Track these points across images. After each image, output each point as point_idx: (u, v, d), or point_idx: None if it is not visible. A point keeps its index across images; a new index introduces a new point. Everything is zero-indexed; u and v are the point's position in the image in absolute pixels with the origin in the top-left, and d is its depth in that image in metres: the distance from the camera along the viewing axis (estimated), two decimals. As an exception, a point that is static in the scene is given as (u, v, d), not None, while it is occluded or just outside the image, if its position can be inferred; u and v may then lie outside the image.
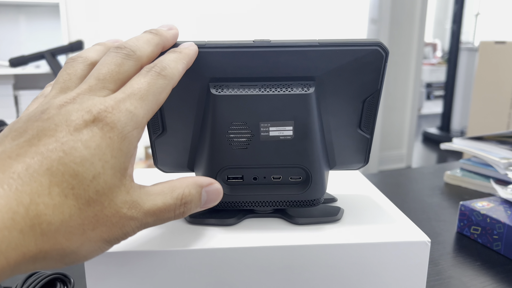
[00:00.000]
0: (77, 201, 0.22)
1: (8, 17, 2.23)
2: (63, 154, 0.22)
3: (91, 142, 0.23)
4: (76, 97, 0.24)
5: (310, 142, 0.33)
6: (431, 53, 6.32)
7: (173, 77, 0.27)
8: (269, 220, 0.37)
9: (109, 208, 0.23)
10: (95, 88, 0.25)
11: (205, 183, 0.28)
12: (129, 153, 0.24)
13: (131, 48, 0.27)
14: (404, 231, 0.34)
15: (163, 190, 0.26)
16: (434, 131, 4.03)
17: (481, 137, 0.80)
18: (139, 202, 0.25)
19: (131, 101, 0.25)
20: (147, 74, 0.26)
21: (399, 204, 0.68)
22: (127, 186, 0.24)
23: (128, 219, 0.24)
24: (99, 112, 0.23)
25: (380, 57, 0.32)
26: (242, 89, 0.32)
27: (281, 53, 0.31)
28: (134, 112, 0.24)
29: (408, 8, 2.93)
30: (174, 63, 0.28)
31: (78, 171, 0.22)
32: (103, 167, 0.23)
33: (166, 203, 0.26)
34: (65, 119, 0.23)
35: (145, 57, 0.28)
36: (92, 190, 0.22)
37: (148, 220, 0.25)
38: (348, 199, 0.41)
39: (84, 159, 0.22)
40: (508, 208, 0.54)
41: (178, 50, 0.29)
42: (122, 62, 0.26)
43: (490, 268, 0.49)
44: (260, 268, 0.32)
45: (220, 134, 0.33)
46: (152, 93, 0.26)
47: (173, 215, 0.26)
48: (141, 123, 0.25)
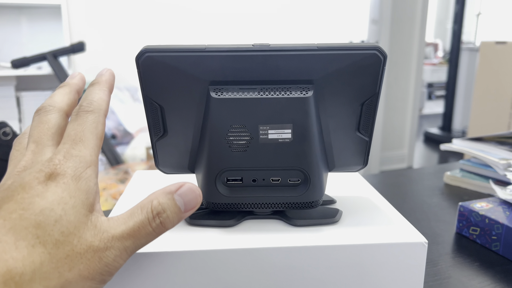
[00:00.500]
0: (45, 247, 0.22)
1: (10, 18, 2.24)
2: (23, 211, 0.23)
3: (47, 193, 0.24)
4: (26, 164, 0.26)
5: (308, 144, 0.34)
6: (432, 53, 6.32)
7: (101, 107, 0.29)
8: (268, 221, 0.37)
9: (80, 245, 0.23)
10: (37, 151, 0.27)
11: (174, 188, 0.27)
12: (89, 189, 0.25)
13: (49, 104, 0.30)
14: (401, 232, 0.35)
15: (132, 212, 0.26)
16: (435, 131, 4.02)
17: (480, 138, 0.80)
18: (109, 230, 0.25)
19: (73, 147, 0.26)
20: (77, 117, 0.28)
21: (399, 204, 0.69)
22: (93, 221, 0.25)
23: (103, 250, 0.24)
24: (49, 168, 0.25)
25: (378, 61, 0.32)
26: (242, 93, 0.32)
27: (280, 57, 0.32)
28: (80, 155, 0.26)
29: (409, 8, 2.93)
30: (97, 95, 0.30)
31: (39, 220, 0.23)
32: (63, 209, 0.24)
33: (137, 220, 0.26)
34: (19, 184, 0.24)
35: (65, 105, 0.30)
36: (57, 232, 0.23)
37: (126, 244, 0.25)
38: (347, 201, 0.42)
39: (43, 208, 0.23)
40: (507, 209, 0.55)
41: (96, 81, 0.31)
42: (47, 118, 0.29)
43: (489, 269, 0.49)
44: (259, 269, 0.33)
45: (219, 137, 0.33)
46: (88, 131, 0.27)
47: (151, 229, 0.26)
48: (91, 161, 0.26)
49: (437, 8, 6.71)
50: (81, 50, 2.06)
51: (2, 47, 2.25)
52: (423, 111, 5.20)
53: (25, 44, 2.28)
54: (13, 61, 2.02)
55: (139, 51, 0.32)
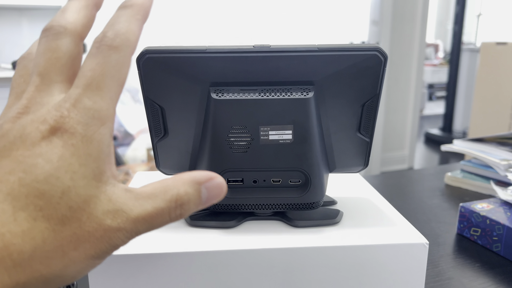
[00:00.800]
0: (48, 222, 0.19)
1: (10, 20, 2.24)
2: (23, 174, 0.20)
3: (52, 154, 0.20)
4: (28, 104, 0.22)
5: (309, 145, 0.34)
6: (433, 54, 6.32)
7: (129, 44, 0.23)
8: (269, 222, 0.37)
9: (89, 223, 0.20)
10: (42, 87, 0.22)
11: (204, 179, 0.24)
12: (101, 155, 0.22)
13: (59, 24, 0.23)
14: (402, 233, 0.35)
15: (153, 192, 0.23)
16: (436, 132, 4.02)
17: (481, 139, 0.80)
18: (125, 209, 0.21)
19: (87, 94, 0.21)
20: (97, 52, 0.22)
21: (399, 205, 0.69)
22: (107, 193, 0.21)
23: (114, 231, 0.21)
24: (55, 119, 0.21)
25: (379, 62, 0.32)
26: (242, 94, 0.32)
27: (281, 58, 0.32)
28: (95, 108, 0.21)
29: (409, 9, 2.93)
30: (127, 25, 0.23)
31: (43, 189, 0.20)
32: (72, 178, 0.20)
33: (158, 207, 0.22)
34: (19, 135, 0.21)
35: (80, 26, 0.24)
36: (64, 207, 0.20)
37: (139, 228, 0.22)
38: (348, 202, 0.42)
39: (47, 175, 0.20)
40: (508, 209, 0.55)
41: (129, 4, 0.24)
42: (56, 44, 0.23)
43: (490, 269, 0.49)
44: (260, 270, 0.33)
45: (220, 138, 0.33)
46: (109, 76, 0.22)
47: (168, 219, 0.23)
48: (106, 117, 0.22)
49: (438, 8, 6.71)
50: (81, 52, 2.07)
51: (3, 49, 2.25)
52: (423, 112, 5.20)
53: (26, 46, 2.28)
54: (14, 63, 2.02)
55: (139, 52, 0.32)
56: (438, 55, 6.47)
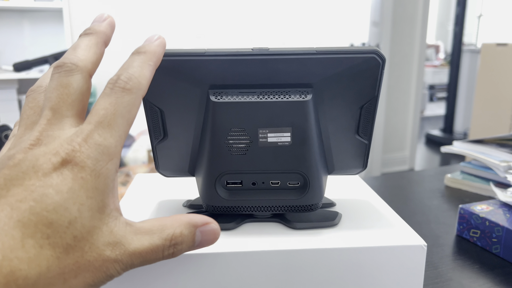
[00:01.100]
0: (54, 250, 0.21)
1: (12, 22, 2.25)
2: (34, 203, 0.21)
3: (63, 186, 0.21)
4: (40, 137, 0.23)
5: (307, 148, 0.34)
6: (433, 55, 6.32)
7: (141, 87, 0.25)
8: (268, 224, 0.37)
9: (90, 253, 0.22)
10: (54, 121, 0.24)
11: (200, 223, 0.26)
12: (106, 189, 0.23)
13: (71, 62, 0.25)
14: (400, 235, 0.35)
15: (151, 229, 0.24)
16: (437, 133, 4.02)
17: (481, 140, 0.80)
18: (124, 242, 0.23)
19: (98, 131, 0.23)
20: (111, 93, 0.24)
21: (399, 207, 0.69)
22: (109, 225, 0.23)
23: (112, 262, 0.23)
24: (67, 152, 0.22)
25: (377, 65, 0.32)
26: (241, 96, 0.33)
27: (279, 61, 0.32)
28: (105, 144, 0.23)
29: (410, 10, 2.94)
30: (139, 70, 0.25)
31: (52, 219, 0.21)
32: (79, 210, 0.21)
33: (154, 243, 0.24)
34: (32, 165, 0.22)
35: (90, 64, 0.26)
36: (69, 236, 0.21)
37: (134, 261, 0.24)
38: (346, 204, 0.42)
39: (57, 206, 0.21)
40: (507, 211, 0.55)
41: (142, 50, 0.27)
42: (68, 81, 0.24)
43: (489, 271, 0.49)
44: (259, 273, 0.33)
45: (219, 140, 0.33)
46: (120, 115, 0.24)
47: (161, 256, 0.25)
48: (114, 153, 0.23)
49: (438, 9, 6.71)
50: (82, 53, 2.07)
51: (4, 51, 2.26)
52: (424, 113, 5.20)
53: (27, 48, 2.29)
54: (15, 64, 2.03)
55: None
56: (438, 56, 6.47)
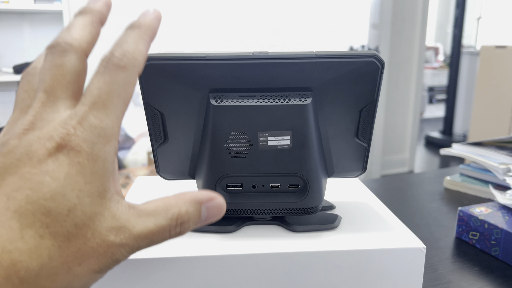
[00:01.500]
0: (55, 239, 0.20)
1: (12, 24, 2.25)
2: (30, 191, 0.20)
3: (59, 172, 0.20)
4: (34, 121, 0.22)
5: (307, 151, 0.34)
6: (433, 57, 6.33)
7: (136, 63, 0.24)
8: (268, 227, 0.37)
9: (93, 239, 0.21)
10: (48, 104, 0.23)
11: (205, 199, 0.25)
12: (106, 172, 0.22)
13: (65, 41, 0.24)
14: (399, 238, 0.35)
15: (156, 209, 0.24)
16: (436, 135, 4.02)
17: (480, 143, 0.80)
18: (128, 226, 0.22)
19: (93, 113, 0.22)
20: (104, 71, 0.23)
21: (399, 209, 0.69)
22: (111, 210, 0.22)
23: (117, 247, 0.22)
24: (61, 137, 0.21)
25: (376, 68, 0.33)
26: (241, 100, 0.33)
27: (279, 65, 0.32)
28: (101, 126, 0.22)
29: (409, 12, 2.94)
30: (134, 45, 0.24)
31: (50, 207, 0.20)
32: (78, 196, 0.21)
33: (159, 224, 0.23)
34: (26, 152, 0.21)
35: (85, 43, 0.24)
36: (70, 224, 0.20)
37: (140, 244, 0.23)
38: (346, 206, 0.42)
39: (54, 193, 0.20)
40: (506, 213, 0.55)
41: (137, 25, 0.25)
42: (62, 61, 0.23)
43: (489, 273, 0.49)
44: (259, 275, 0.33)
45: (219, 143, 0.34)
46: (115, 95, 0.23)
47: (168, 236, 0.24)
48: (111, 135, 0.22)
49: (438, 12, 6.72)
50: (82, 56, 2.07)
51: (4, 53, 2.26)
52: (424, 115, 5.21)
53: (27, 50, 2.29)
54: (15, 67, 2.03)
55: None
56: (438, 58, 6.48)
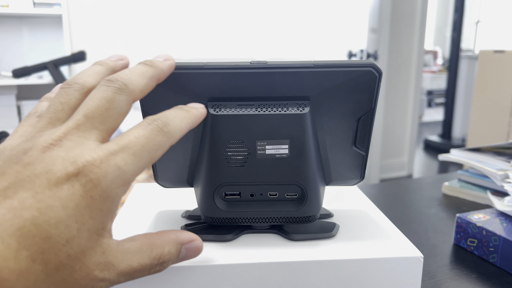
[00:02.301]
0: (45, 266, 0.20)
1: (11, 28, 2.25)
2: (38, 213, 0.20)
3: (70, 201, 0.21)
4: (63, 138, 0.23)
5: (305, 160, 0.34)
6: (432, 61, 6.34)
7: (175, 135, 0.26)
8: (266, 236, 0.37)
9: (80, 272, 0.22)
10: (83, 128, 0.23)
11: (186, 240, 0.27)
12: (109, 212, 0.23)
13: (123, 81, 0.25)
14: (397, 247, 0.35)
15: (141, 248, 0.25)
16: (435, 139, 4.03)
17: (478, 149, 0.81)
18: (114, 263, 0.23)
19: (123, 155, 0.23)
20: (147, 126, 0.24)
21: (397, 215, 0.69)
22: (103, 246, 0.23)
23: (98, 281, 0.23)
24: (84, 165, 0.22)
25: (374, 78, 0.33)
26: (239, 109, 0.33)
27: (277, 74, 0.32)
28: (123, 169, 0.23)
29: (408, 16, 2.95)
30: (179, 121, 0.26)
31: (51, 233, 0.20)
32: (79, 229, 0.21)
33: (143, 263, 0.24)
34: (46, 170, 0.21)
35: (138, 91, 0.26)
36: (64, 254, 0.21)
37: (120, 279, 0.24)
38: (344, 215, 0.42)
39: (59, 221, 0.21)
40: (504, 220, 0.55)
41: (186, 109, 0.28)
42: (113, 97, 0.24)
43: (486, 280, 0.49)
44: (256, 284, 0.33)
45: (218, 152, 0.34)
46: (147, 150, 0.24)
47: (147, 273, 0.25)
48: (128, 181, 0.23)
49: (436, 16, 6.74)
50: (82, 60, 2.08)
51: (3, 57, 2.26)
52: (423, 119, 5.22)
53: (26, 54, 2.29)
54: (14, 71, 2.03)
55: None
56: (437, 62, 6.50)
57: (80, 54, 2.07)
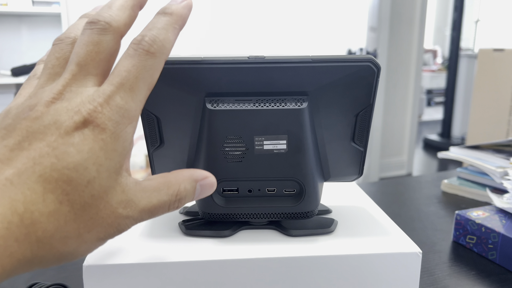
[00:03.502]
0: (72, 207, 0.22)
1: (10, 27, 2.25)
2: (56, 159, 0.21)
3: (84, 146, 0.22)
4: (63, 91, 0.23)
5: (303, 155, 0.34)
6: (431, 60, 6.34)
7: (164, 51, 0.25)
8: (264, 231, 0.37)
9: (104, 210, 0.23)
10: (79, 77, 0.24)
11: (200, 177, 0.27)
12: (124, 151, 0.24)
13: (105, 20, 0.25)
14: (396, 242, 0.35)
15: (158, 186, 0.26)
16: (434, 138, 4.03)
17: (478, 146, 0.80)
18: (134, 200, 0.24)
19: (120, 94, 0.23)
20: (134, 54, 0.24)
21: (396, 213, 0.69)
22: (122, 185, 0.24)
23: (123, 218, 0.24)
24: (88, 112, 0.22)
25: (372, 73, 0.33)
26: (237, 104, 0.33)
27: (275, 69, 0.32)
28: (126, 107, 0.23)
29: (407, 15, 2.95)
30: (164, 32, 0.25)
31: (72, 177, 0.21)
32: (98, 170, 0.22)
33: (161, 200, 0.25)
34: (54, 121, 0.22)
35: (123, 26, 0.25)
36: (87, 195, 0.22)
37: (143, 216, 0.25)
38: (342, 211, 0.42)
39: (77, 165, 0.22)
40: (503, 217, 0.55)
41: (169, 11, 0.26)
42: (99, 39, 0.24)
43: (486, 278, 0.49)
44: (254, 280, 0.33)
45: (215, 148, 0.34)
46: (142, 79, 0.24)
47: (167, 210, 0.26)
48: (134, 117, 0.24)
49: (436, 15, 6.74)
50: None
51: (2, 55, 2.26)
52: (422, 118, 5.21)
53: (25, 52, 2.29)
54: (13, 69, 2.02)
55: None
56: (436, 61, 6.50)
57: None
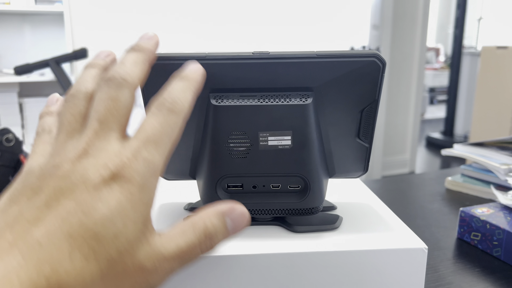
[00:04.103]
0: (98, 263, 0.21)
1: (13, 25, 2.25)
2: (83, 215, 0.21)
3: (111, 199, 0.22)
4: (87, 148, 0.24)
5: (308, 151, 0.34)
6: (434, 58, 6.33)
7: (184, 110, 0.26)
8: (269, 228, 0.37)
9: (131, 266, 0.22)
10: (101, 133, 0.24)
11: (227, 210, 0.26)
12: (149, 202, 0.24)
13: (121, 76, 0.26)
14: (401, 238, 0.35)
15: (183, 229, 0.25)
16: (437, 136, 4.02)
17: (481, 143, 0.80)
18: (162, 250, 0.24)
19: (147, 148, 0.24)
20: (158, 113, 0.25)
21: (400, 210, 0.69)
22: (147, 237, 0.23)
23: (151, 273, 0.23)
24: (116, 166, 0.23)
25: (377, 68, 0.32)
26: (242, 100, 0.33)
27: (280, 65, 0.32)
28: (152, 161, 0.24)
29: (410, 13, 2.94)
30: (183, 94, 0.26)
31: (98, 231, 0.21)
32: (124, 223, 0.22)
33: (189, 241, 0.24)
34: (81, 178, 0.22)
35: (137, 80, 0.27)
36: (114, 249, 0.22)
37: (174, 265, 0.24)
38: (347, 207, 0.42)
39: (104, 219, 0.21)
40: (508, 214, 0.55)
41: (185, 77, 0.27)
42: (117, 95, 0.25)
43: (490, 274, 0.49)
44: (259, 276, 0.33)
45: (220, 143, 0.34)
46: (166, 134, 0.25)
47: (199, 252, 0.25)
48: (158, 170, 0.24)
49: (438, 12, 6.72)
50: (83, 57, 2.07)
51: (5, 54, 2.26)
52: (425, 116, 5.20)
53: (28, 51, 2.29)
54: (16, 68, 2.03)
55: None
56: (439, 59, 6.48)
57: (81, 51, 2.07)
